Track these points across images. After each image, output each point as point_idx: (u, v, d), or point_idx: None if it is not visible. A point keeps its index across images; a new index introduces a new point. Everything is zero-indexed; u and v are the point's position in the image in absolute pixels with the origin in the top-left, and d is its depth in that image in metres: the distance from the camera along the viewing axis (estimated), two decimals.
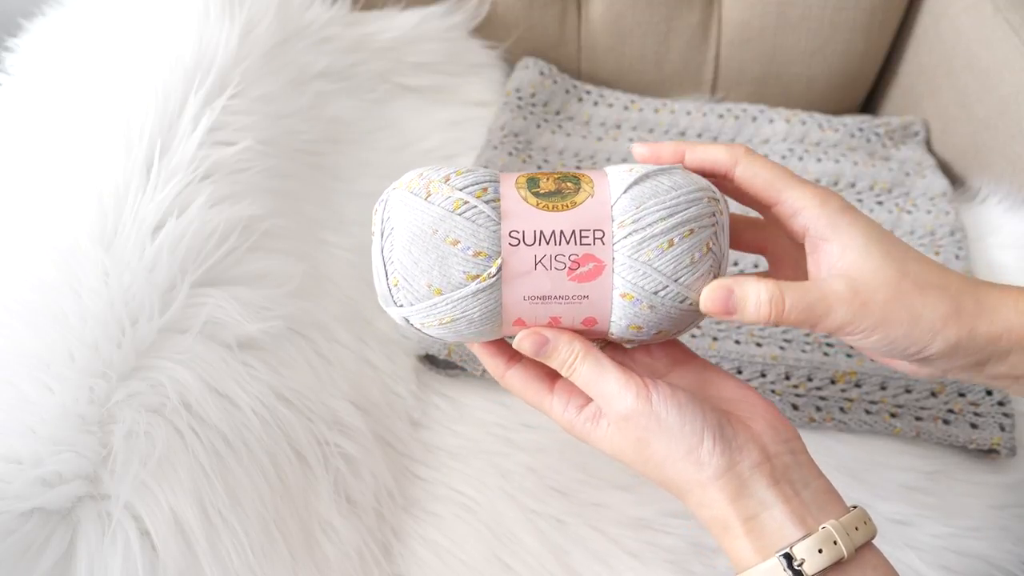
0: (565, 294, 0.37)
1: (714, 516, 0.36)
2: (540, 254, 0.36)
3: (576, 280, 0.37)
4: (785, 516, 0.35)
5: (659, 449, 0.36)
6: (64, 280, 0.48)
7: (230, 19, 0.65)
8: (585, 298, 0.37)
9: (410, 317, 0.38)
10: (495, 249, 0.36)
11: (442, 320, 0.38)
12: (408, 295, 0.37)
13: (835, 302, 0.35)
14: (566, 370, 0.38)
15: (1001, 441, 0.57)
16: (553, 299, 0.37)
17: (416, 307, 0.38)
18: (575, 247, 0.36)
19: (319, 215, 0.66)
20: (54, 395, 0.44)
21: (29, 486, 0.41)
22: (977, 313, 0.35)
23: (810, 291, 0.35)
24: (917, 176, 0.79)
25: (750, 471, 0.36)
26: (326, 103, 0.73)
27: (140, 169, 0.53)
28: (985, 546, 0.54)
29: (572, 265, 0.37)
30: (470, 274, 0.36)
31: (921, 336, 0.35)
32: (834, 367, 0.63)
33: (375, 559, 0.52)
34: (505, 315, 0.38)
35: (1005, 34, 0.73)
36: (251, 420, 0.50)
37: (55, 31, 0.65)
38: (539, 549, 0.53)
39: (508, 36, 0.88)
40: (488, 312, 0.37)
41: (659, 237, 0.36)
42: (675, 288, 0.37)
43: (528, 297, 0.37)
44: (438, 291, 0.37)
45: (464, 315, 0.37)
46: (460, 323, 0.38)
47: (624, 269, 0.36)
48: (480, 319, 0.37)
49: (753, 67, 0.89)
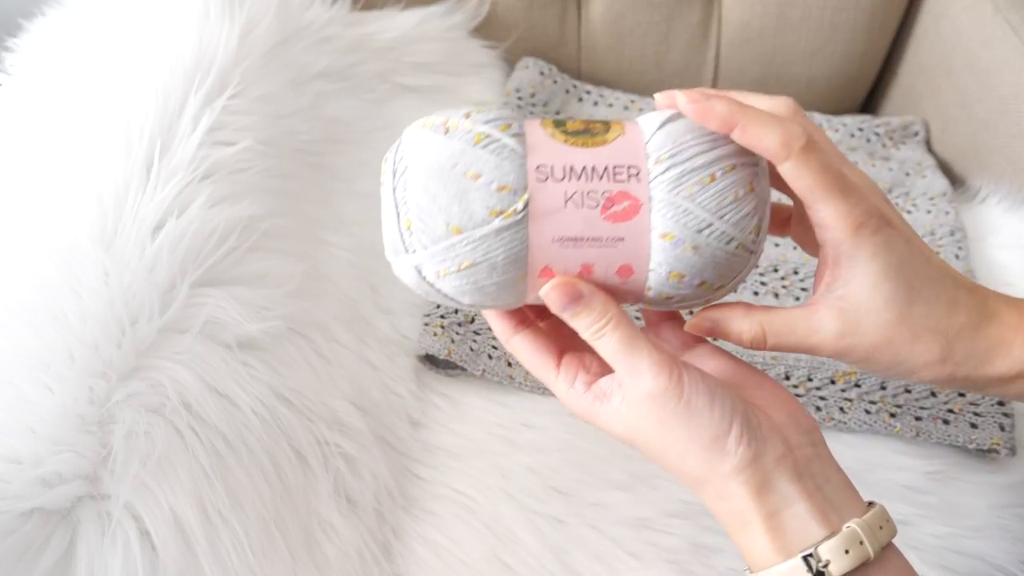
0: (599, 235, 0.33)
1: (732, 510, 0.34)
2: (571, 190, 0.33)
3: (611, 219, 0.33)
4: (809, 513, 0.33)
5: (682, 435, 0.34)
6: (64, 280, 0.48)
7: (230, 19, 0.65)
8: (620, 240, 0.33)
9: (423, 265, 0.34)
10: (521, 184, 0.33)
11: (461, 265, 0.33)
12: (423, 237, 0.33)
13: (819, 343, 0.35)
14: (594, 334, 0.34)
15: (1001, 441, 0.57)
16: (585, 241, 0.33)
17: (432, 250, 0.33)
18: (608, 183, 0.33)
19: (319, 215, 0.66)
20: (54, 395, 0.44)
21: (29, 486, 0.41)
22: (966, 360, 0.34)
23: (796, 330, 0.35)
24: (917, 176, 0.79)
25: (774, 464, 0.33)
26: (326, 103, 0.73)
27: (140, 169, 0.53)
28: (985, 546, 0.54)
29: (606, 203, 0.33)
30: (493, 209, 0.32)
31: (901, 373, 0.35)
32: (834, 367, 0.63)
33: (375, 559, 0.52)
34: (532, 261, 0.33)
35: (1005, 34, 0.73)
36: (251, 420, 0.50)
37: (55, 31, 0.65)
38: (539, 549, 0.53)
39: (508, 36, 0.88)
40: (513, 255, 0.33)
41: (699, 171, 0.33)
42: (720, 226, 0.33)
43: (558, 239, 0.33)
44: (457, 229, 0.32)
45: (486, 258, 0.33)
46: (481, 269, 0.33)
47: (663, 207, 0.33)
48: (504, 264, 0.33)
49: (753, 67, 0.89)
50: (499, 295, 0.35)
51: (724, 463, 0.33)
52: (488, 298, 0.35)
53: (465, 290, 0.34)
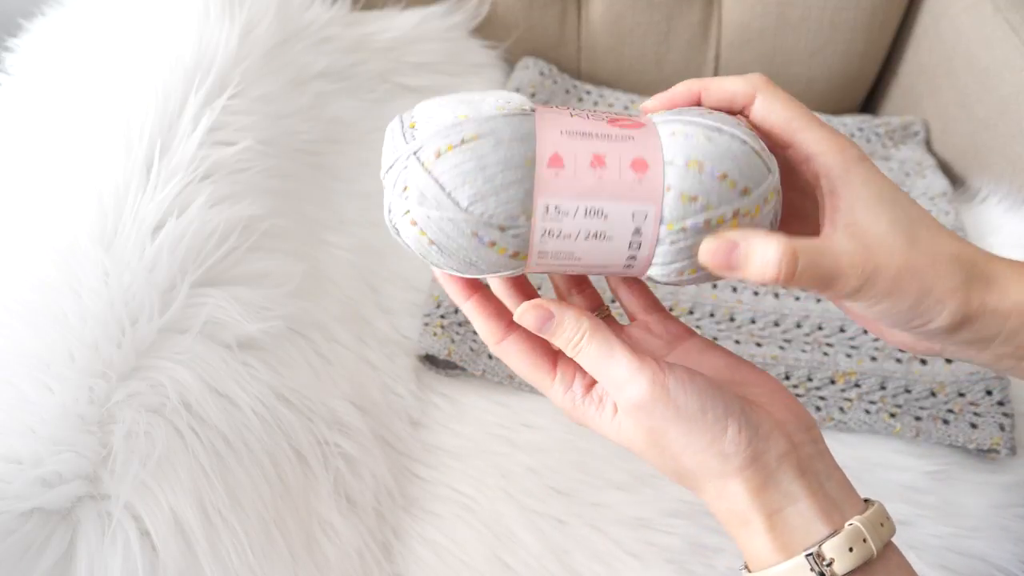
0: (608, 133, 0.32)
1: (732, 509, 0.33)
2: (574, 112, 0.33)
3: (617, 126, 0.32)
4: (812, 511, 0.32)
5: (676, 439, 0.33)
6: (64, 280, 0.48)
7: (230, 19, 0.65)
8: (631, 139, 0.32)
9: (423, 148, 0.31)
10: (527, 105, 0.32)
11: (464, 137, 0.31)
12: (427, 128, 0.31)
13: (847, 267, 0.32)
14: (571, 349, 0.34)
15: (1001, 441, 0.57)
16: (595, 136, 0.32)
17: (435, 131, 0.31)
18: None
19: (319, 215, 0.66)
20: (54, 395, 0.44)
21: (29, 486, 0.41)
22: (987, 287, 0.32)
23: (823, 253, 0.32)
24: (917, 176, 0.79)
25: (777, 462, 0.33)
26: (326, 103, 0.73)
27: (140, 169, 0.53)
28: (985, 546, 0.54)
29: (611, 119, 0.33)
30: (501, 106, 0.32)
31: (929, 308, 0.32)
32: (833, 367, 0.63)
33: (375, 559, 0.52)
34: (540, 146, 0.31)
35: (1005, 34, 0.73)
36: (251, 420, 0.50)
37: (55, 31, 0.65)
38: (539, 549, 0.53)
39: (508, 36, 0.88)
40: (521, 135, 0.31)
41: (700, 117, 0.32)
42: (729, 128, 0.32)
43: (566, 131, 0.32)
44: (464, 116, 0.31)
45: (492, 133, 0.31)
46: (486, 143, 0.31)
47: (667, 124, 0.33)
48: (510, 141, 0.31)
49: (753, 67, 0.89)
50: (505, 178, 0.31)
51: (725, 464, 0.32)
52: (492, 185, 0.31)
53: (466, 172, 0.31)
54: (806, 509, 0.32)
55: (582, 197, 0.31)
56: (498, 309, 0.37)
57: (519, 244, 0.32)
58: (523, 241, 0.32)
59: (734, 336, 0.65)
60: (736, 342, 0.65)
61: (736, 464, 0.32)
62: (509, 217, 0.31)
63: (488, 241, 0.32)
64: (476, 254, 0.32)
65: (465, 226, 0.31)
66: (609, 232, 0.32)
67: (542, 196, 0.31)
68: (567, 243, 0.32)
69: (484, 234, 0.31)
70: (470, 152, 0.30)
